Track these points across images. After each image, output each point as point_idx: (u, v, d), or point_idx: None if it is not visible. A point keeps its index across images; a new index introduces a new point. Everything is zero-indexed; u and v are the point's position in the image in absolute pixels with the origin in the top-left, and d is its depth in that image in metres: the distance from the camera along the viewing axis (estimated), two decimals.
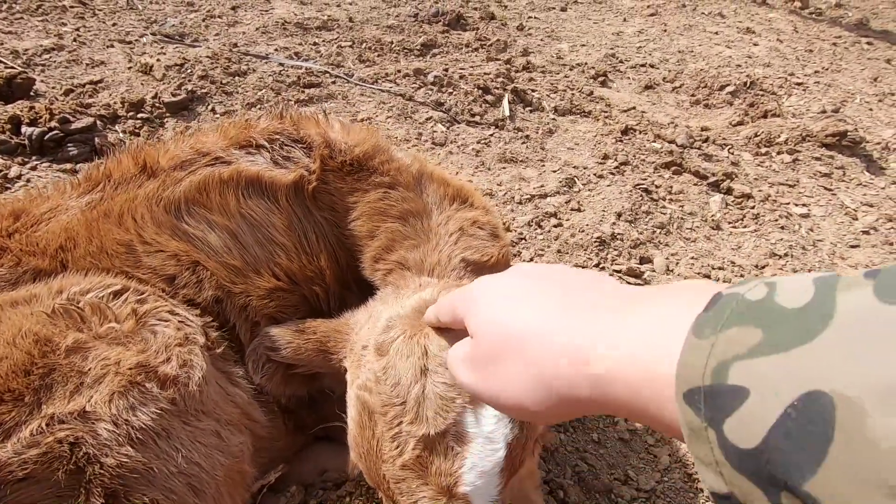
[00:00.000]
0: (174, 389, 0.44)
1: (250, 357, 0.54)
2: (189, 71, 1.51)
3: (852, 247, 1.15)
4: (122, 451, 0.39)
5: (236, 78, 1.57)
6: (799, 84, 2.16)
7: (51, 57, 1.58)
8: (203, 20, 2.14)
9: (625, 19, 3.21)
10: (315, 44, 2.02)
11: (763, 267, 1.04)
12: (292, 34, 2.12)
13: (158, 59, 1.53)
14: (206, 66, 1.55)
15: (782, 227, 1.17)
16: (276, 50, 1.88)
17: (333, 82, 1.67)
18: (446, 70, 1.81)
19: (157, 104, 1.36)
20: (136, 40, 1.81)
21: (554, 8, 3.32)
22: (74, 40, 1.71)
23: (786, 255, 1.08)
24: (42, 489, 0.38)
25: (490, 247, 0.63)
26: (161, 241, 0.55)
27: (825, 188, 1.36)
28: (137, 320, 0.46)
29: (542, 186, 1.23)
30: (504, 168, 1.32)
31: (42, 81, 1.44)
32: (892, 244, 1.16)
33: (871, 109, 2.00)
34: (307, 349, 0.53)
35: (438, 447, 0.43)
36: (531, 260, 1.01)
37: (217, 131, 0.65)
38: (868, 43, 3.49)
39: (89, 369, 0.42)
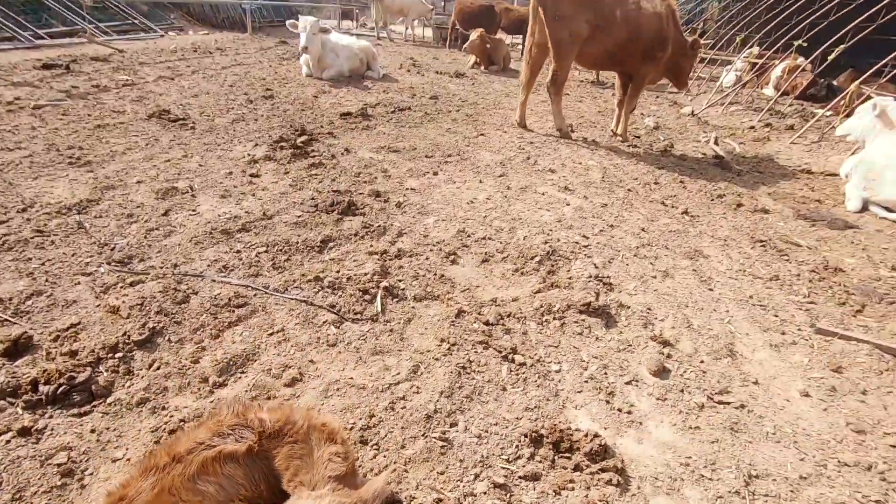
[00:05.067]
0: None
1: None
2: (148, 308, 2.11)
3: (578, 392, 1.97)
4: None
5: (182, 306, 2.18)
6: (585, 247, 3.16)
7: (33, 303, 2.10)
8: (144, 236, 2.75)
9: (480, 181, 4.23)
10: (238, 252, 2.70)
11: (519, 418, 1.80)
12: (218, 241, 2.79)
13: (123, 301, 2.12)
14: (160, 301, 2.16)
15: (539, 385, 1.97)
16: (208, 265, 2.53)
17: (255, 295, 2.34)
18: (338, 273, 2.55)
19: (127, 342, 1.93)
20: (95, 271, 2.37)
21: (427, 173, 4.29)
22: (46, 281, 2.25)
23: (535, 407, 1.86)
24: None
25: (342, 466, 1.31)
26: (192, 499, 1.16)
27: (574, 346, 2.21)
28: None
29: (397, 374, 1.95)
30: (374, 360, 2.03)
31: (31, 328, 1.96)
32: (601, 389, 2.00)
33: (627, 264, 3.02)
34: None
35: None
36: (386, 436, 1.69)
37: (205, 427, 1.29)
38: (655, 183, 4.78)
39: None
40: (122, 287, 2.25)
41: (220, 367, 1.89)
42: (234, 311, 2.19)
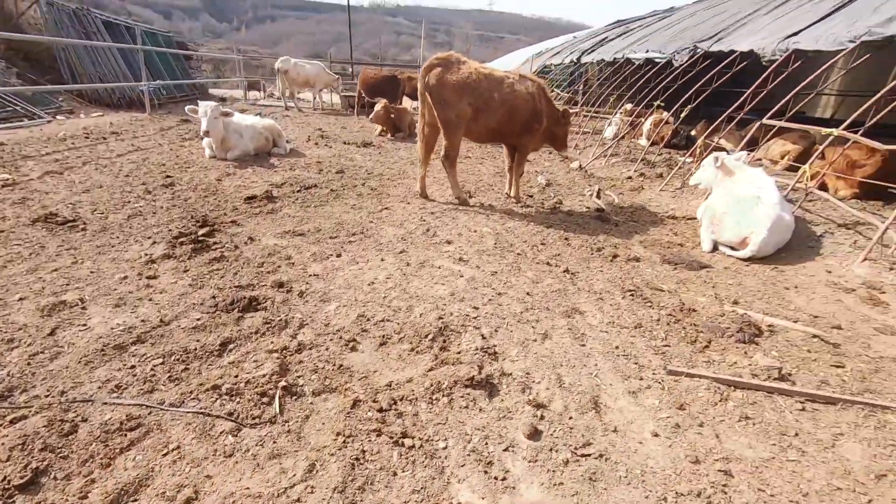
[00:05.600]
0: None
1: None
2: (31, 447, 2.08)
3: (461, 466, 2.20)
4: None
5: (69, 437, 2.17)
6: (475, 318, 3.49)
7: None
8: (27, 362, 2.68)
9: (382, 259, 4.49)
10: (132, 367, 2.71)
11: (407, 502, 1.99)
12: (111, 358, 2.78)
13: (2, 443, 2.08)
14: (45, 436, 2.14)
15: (426, 466, 2.18)
16: (99, 387, 2.53)
17: (150, 413, 2.37)
18: (237, 378, 2.64)
19: (7, 488, 1.90)
20: None
21: (331, 255, 4.49)
22: None
23: (422, 489, 2.06)
24: None
25: None
26: None
27: (460, 421, 2.46)
28: None
29: (293, 476, 2.07)
30: (271, 464, 2.14)
31: None
32: (481, 460, 2.25)
33: (511, 331, 3.37)
34: None
35: None
36: None
37: None
38: (542, 243, 5.30)
39: None
40: (1, 426, 2.20)
41: (111, 499, 1.92)
42: (126, 435, 2.22)
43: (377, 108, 11.91)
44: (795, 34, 8.15)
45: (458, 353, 3.02)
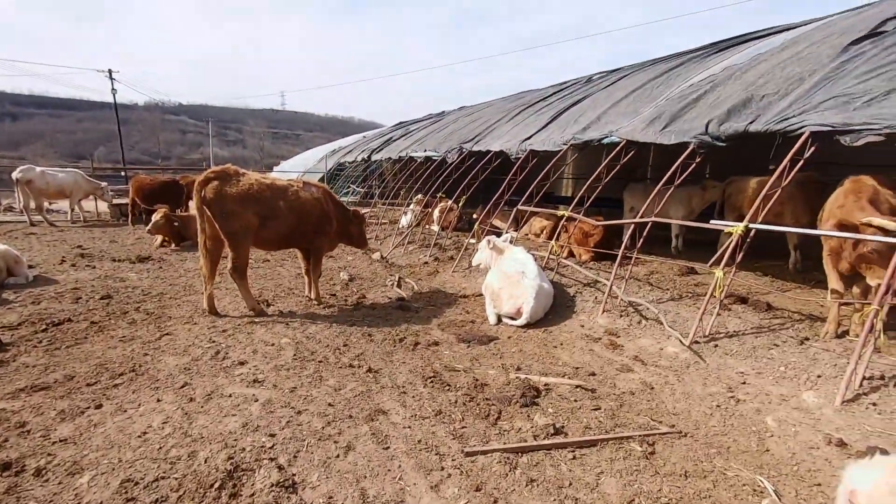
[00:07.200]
0: None
1: None
2: None
3: None
4: None
5: None
6: (271, 448, 3.24)
7: None
8: None
9: (158, 399, 3.89)
10: None
11: None
12: None
13: None
14: None
15: None
16: None
17: None
18: None
19: None
20: None
21: (88, 408, 3.72)
22: None
23: None
24: None
25: None
26: None
27: None
28: None
29: None
30: None
31: None
32: None
33: (312, 453, 3.22)
34: None
35: None
36: None
37: None
38: (345, 345, 5.28)
39: None
40: None
41: None
42: None
43: (155, 217, 10.79)
44: (529, 138, 10.33)
45: (252, 495, 2.73)
